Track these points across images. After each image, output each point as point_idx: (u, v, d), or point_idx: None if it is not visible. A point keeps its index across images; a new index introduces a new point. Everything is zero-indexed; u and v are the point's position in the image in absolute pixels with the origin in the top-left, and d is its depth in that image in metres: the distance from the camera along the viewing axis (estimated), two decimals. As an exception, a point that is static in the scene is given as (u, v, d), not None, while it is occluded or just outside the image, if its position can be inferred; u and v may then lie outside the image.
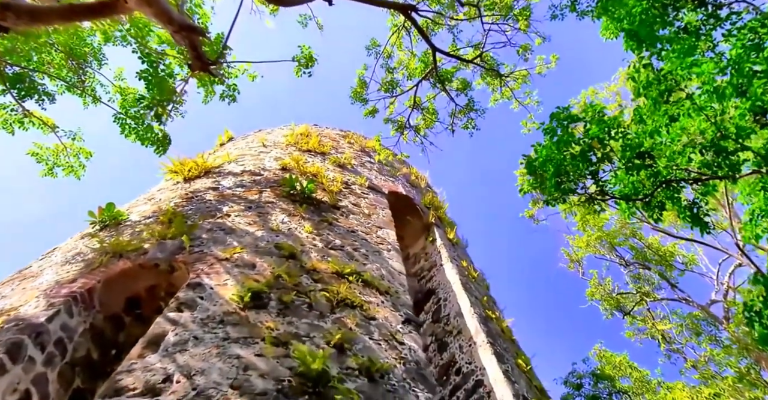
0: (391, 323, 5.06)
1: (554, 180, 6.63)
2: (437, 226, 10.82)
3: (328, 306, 4.89)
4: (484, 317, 7.00)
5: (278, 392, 3.46)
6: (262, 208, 7.40)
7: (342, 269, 5.70)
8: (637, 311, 15.82)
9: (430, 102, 9.20)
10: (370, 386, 3.91)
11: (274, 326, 4.25)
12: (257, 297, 4.65)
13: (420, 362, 4.61)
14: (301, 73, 8.00)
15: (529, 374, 6.29)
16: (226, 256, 5.49)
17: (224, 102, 7.99)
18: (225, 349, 3.79)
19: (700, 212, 6.94)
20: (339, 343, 4.25)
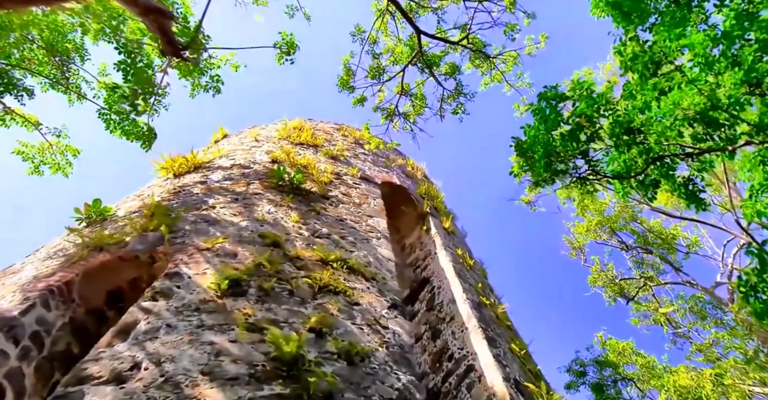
0: (375, 309, 4.95)
1: (543, 161, 6.47)
2: (432, 215, 10.69)
3: (310, 292, 4.78)
4: (478, 303, 6.86)
5: (251, 377, 3.36)
6: (249, 199, 7.30)
7: (326, 256, 5.58)
8: (642, 297, 15.61)
9: (418, 88, 9.05)
10: (349, 369, 3.81)
11: (251, 313, 4.14)
12: (236, 285, 4.55)
13: (404, 346, 4.50)
14: (284, 60, 7.87)
15: (524, 359, 6.15)
16: (208, 246, 5.39)
17: (210, 94, 7.83)
18: (198, 336, 3.69)
19: (696, 189, 6.76)
20: (318, 328, 4.14)
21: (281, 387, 3.35)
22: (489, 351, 5.32)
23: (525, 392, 4.98)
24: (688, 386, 10.05)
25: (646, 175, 6.90)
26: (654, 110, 6.11)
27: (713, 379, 10.14)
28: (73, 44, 8.33)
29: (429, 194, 11.85)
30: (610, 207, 14.30)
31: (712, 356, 11.01)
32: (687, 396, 9.82)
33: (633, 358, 12.34)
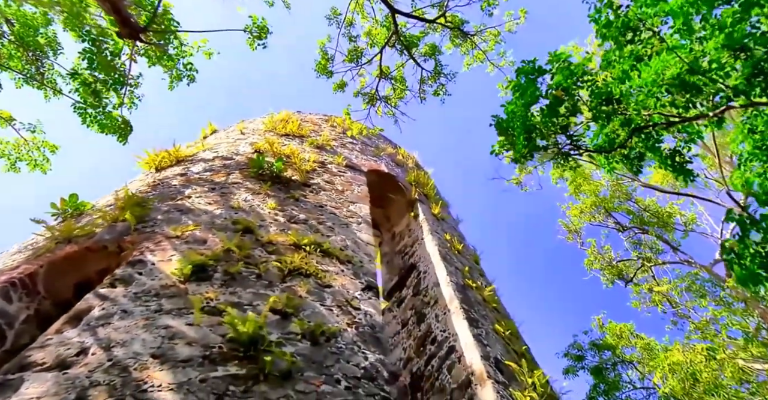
0: (348, 290, 4.82)
1: (522, 137, 6.30)
2: (421, 202, 10.54)
3: (279, 276, 4.65)
4: (462, 285, 6.73)
5: (204, 358, 3.23)
6: (227, 188, 7.17)
7: (300, 240, 5.45)
8: (642, 279, 15.39)
9: (398, 70, 8.86)
10: (312, 348, 3.68)
11: (214, 297, 4.02)
12: (201, 270, 4.43)
13: (375, 326, 4.37)
14: (256, 45, 7.69)
15: (509, 339, 6.01)
16: (177, 234, 5.26)
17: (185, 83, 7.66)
18: (154, 320, 3.57)
19: (682, 160, 6.58)
20: (283, 309, 4.01)
21: (237, 368, 3.22)
22: (469, 331, 5.18)
23: (505, 370, 4.84)
24: (680, 362, 9.89)
25: (630, 149, 6.73)
26: (635, 80, 5.91)
27: (705, 354, 9.96)
28: (45, 38, 8.19)
29: (418, 182, 11.70)
30: (605, 187, 14.08)
31: (710, 334, 10.80)
32: (681, 373, 9.66)
33: (632, 340, 12.15)
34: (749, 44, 5.45)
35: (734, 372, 9.10)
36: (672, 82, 5.20)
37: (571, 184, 13.73)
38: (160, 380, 2.95)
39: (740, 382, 9.12)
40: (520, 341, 6.65)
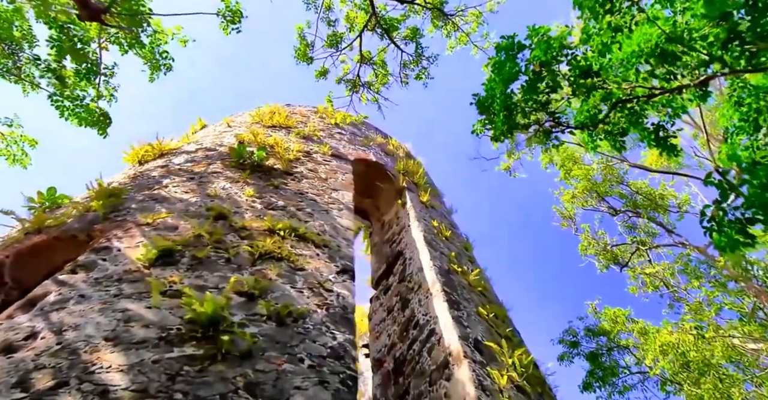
0: (321, 273, 4.70)
1: (502, 114, 6.16)
2: (410, 190, 10.43)
3: (250, 260, 4.54)
4: (446, 269, 6.61)
5: (161, 340, 3.12)
6: (206, 177, 7.06)
7: (274, 225, 5.34)
8: (639, 263, 15.24)
9: (379, 55, 8.70)
10: (277, 329, 3.57)
11: (178, 280, 3.91)
12: (168, 255, 4.32)
13: (347, 307, 4.26)
14: (230, 29, 7.54)
15: (493, 322, 5.90)
16: (148, 221, 5.15)
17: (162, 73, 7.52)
18: (112, 304, 3.46)
19: (666, 134, 6.44)
20: (249, 291, 3.90)
21: (194, 348, 3.11)
22: (449, 313, 5.07)
23: (485, 350, 4.73)
24: (669, 342, 9.76)
25: (613, 124, 6.58)
26: (616, 54, 5.75)
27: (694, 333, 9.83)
28: (21, 31, 8.05)
29: (407, 170, 11.59)
30: (596, 172, 13.87)
31: (704, 315, 10.65)
32: (671, 354, 9.54)
33: (628, 326, 12.00)
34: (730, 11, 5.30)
35: (724, 351, 8.97)
36: (651, 51, 5.06)
37: (561, 169, 13.55)
38: (110, 362, 2.84)
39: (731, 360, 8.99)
40: (507, 324, 6.54)
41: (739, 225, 4.08)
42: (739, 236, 4.06)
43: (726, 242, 4.11)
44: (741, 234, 4.05)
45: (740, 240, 4.05)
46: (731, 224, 4.15)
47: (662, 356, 9.54)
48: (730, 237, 4.07)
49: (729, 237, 4.09)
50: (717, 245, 4.18)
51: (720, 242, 4.14)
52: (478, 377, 4.08)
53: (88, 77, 6.95)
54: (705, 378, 8.74)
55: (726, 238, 4.11)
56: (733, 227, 4.11)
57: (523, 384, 4.49)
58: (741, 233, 4.05)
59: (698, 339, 9.48)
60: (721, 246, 4.16)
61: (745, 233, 4.04)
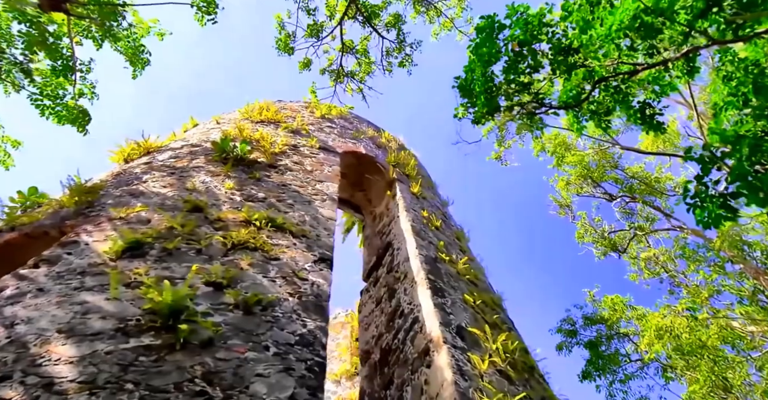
0: (297, 262, 4.59)
1: (483, 96, 6.02)
2: (400, 181, 10.29)
3: (222, 250, 4.43)
4: (433, 258, 6.48)
5: (117, 331, 3.01)
6: (186, 172, 6.95)
7: (250, 216, 5.22)
8: (639, 251, 15.03)
9: (361, 43, 8.54)
10: (244, 318, 3.46)
11: (144, 272, 3.80)
12: (137, 247, 4.21)
13: (321, 295, 4.14)
14: (205, 21, 7.40)
15: (481, 309, 5.77)
16: (121, 215, 5.04)
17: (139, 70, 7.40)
18: (71, 297, 3.35)
19: (652, 111, 6.28)
20: (217, 281, 3.79)
21: (152, 338, 3.00)
22: (431, 300, 4.95)
23: (468, 336, 4.60)
24: (663, 325, 9.59)
25: (597, 103, 6.43)
26: (597, 30, 5.59)
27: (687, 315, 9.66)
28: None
29: (399, 162, 11.46)
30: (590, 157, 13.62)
31: (701, 298, 10.45)
32: (665, 337, 9.36)
33: (628, 313, 11.79)
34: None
35: (719, 333, 8.78)
36: (630, 24, 4.90)
37: (553, 155, 13.35)
38: (60, 355, 2.73)
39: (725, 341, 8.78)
40: (497, 311, 6.41)
41: (721, 200, 3.94)
42: (721, 211, 3.92)
43: (708, 217, 3.96)
44: (723, 208, 3.91)
45: (722, 214, 3.91)
46: (713, 199, 4.00)
47: (657, 341, 9.36)
48: (712, 212, 3.93)
49: (711, 212, 3.95)
50: (699, 221, 4.04)
51: (702, 217, 4.00)
52: (458, 362, 3.96)
53: (65, 74, 6.83)
54: (700, 361, 8.58)
55: (708, 213, 3.97)
56: (715, 201, 3.97)
57: (506, 369, 4.36)
58: (723, 207, 3.90)
59: (691, 321, 9.29)
60: (703, 222, 4.02)
61: (727, 207, 3.90)
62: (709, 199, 4.02)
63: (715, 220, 3.92)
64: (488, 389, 3.77)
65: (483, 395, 3.65)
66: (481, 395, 3.62)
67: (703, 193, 4.06)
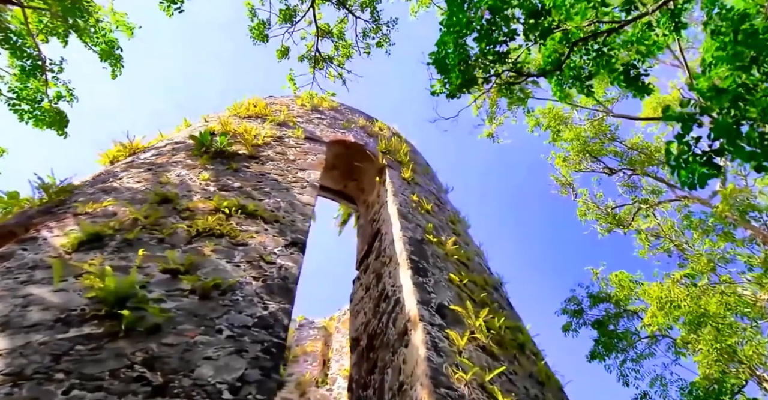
0: (266, 247, 4.41)
1: (457, 69, 5.77)
2: (391, 167, 10.09)
3: (186, 238, 4.27)
4: (419, 239, 6.28)
5: (57, 322, 2.86)
6: (163, 167, 6.81)
7: (220, 204, 5.06)
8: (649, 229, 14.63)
9: (338, 26, 8.32)
10: (200, 303, 3.30)
11: (98, 263, 3.64)
12: (96, 239, 4.07)
13: (288, 278, 3.96)
14: (172, 10, 7.23)
15: (469, 288, 5.56)
16: (87, 210, 4.91)
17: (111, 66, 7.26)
18: (15, 291, 3.20)
19: (637, 73, 5.99)
20: (174, 268, 3.63)
21: (94, 327, 2.85)
22: (411, 280, 4.75)
23: (449, 314, 4.40)
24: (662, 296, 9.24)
25: (579, 68, 6.16)
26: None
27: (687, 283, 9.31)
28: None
29: (389, 149, 11.25)
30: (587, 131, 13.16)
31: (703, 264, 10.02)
32: (665, 306, 9.02)
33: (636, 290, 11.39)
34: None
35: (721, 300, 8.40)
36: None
37: (547, 129, 12.95)
38: (-9, 347, 2.58)
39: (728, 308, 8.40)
40: (488, 291, 6.19)
41: (704, 158, 3.68)
42: (704, 169, 3.66)
43: (692, 177, 3.71)
44: (707, 166, 3.65)
45: (706, 172, 3.66)
46: (696, 158, 3.75)
47: (659, 312, 9.02)
48: (695, 171, 3.68)
49: (694, 171, 3.69)
50: (684, 182, 3.78)
51: (686, 178, 3.74)
52: (434, 339, 3.76)
53: (33, 74, 6.72)
54: (702, 330, 8.24)
55: (691, 173, 3.71)
56: (698, 160, 3.71)
57: (489, 345, 4.16)
58: (706, 164, 3.64)
59: (691, 289, 8.93)
60: (688, 182, 3.76)
61: (710, 165, 3.64)
62: (692, 157, 3.76)
63: (700, 179, 3.66)
64: (465, 365, 3.57)
65: (459, 370, 3.45)
66: (456, 370, 3.42)
67: (686, 152, 3.80)
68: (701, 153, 3.80)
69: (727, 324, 7.98)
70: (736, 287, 8.97)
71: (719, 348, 7.88)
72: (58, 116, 7.61)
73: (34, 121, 7.68)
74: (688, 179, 3.79)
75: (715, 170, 3.68)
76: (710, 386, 8.94)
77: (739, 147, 3.61)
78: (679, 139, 3.85)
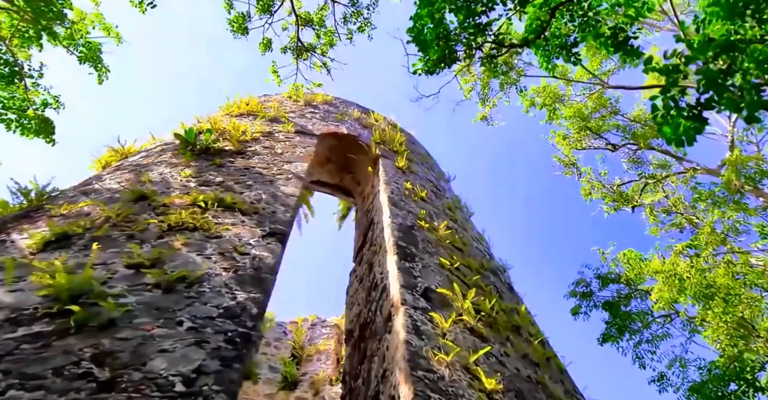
0: (241, 238, 4.26)
1: (434, 43, 5.55)
2: (385, 157, 9.89)
3: (157, 233, 4.14)
4: (409, 225, 6.09)
5: (6, 321, 2.73)
6: (147, 167, 6.71)
7: (196, 198, 4.92)
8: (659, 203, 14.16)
9: (318, 14, 8.11)
10: (162, 296, 3.16)
11: (61, 262, 3.51)
12: (64, 238, 3.96)
13: (262, 268, 3.80)
14: (145, 6, 7.09)
15: (461, 273, 5.36)
16: (62, 212, 4.81)
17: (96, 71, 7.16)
18: (-29, 292, 3.08)
19: (624, 36, 5.71)
20: (139, 262, 3.48)
21: (44, 326, 2.71)
22: (397, 265, 4.57)
23: (435, 297, 4.21)
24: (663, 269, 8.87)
25: (564, 36, 5.89)
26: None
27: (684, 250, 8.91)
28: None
29: (384, 139, 11.06)
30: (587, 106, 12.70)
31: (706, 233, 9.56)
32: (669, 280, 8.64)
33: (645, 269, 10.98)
34: None
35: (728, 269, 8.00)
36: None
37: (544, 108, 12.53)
38: (-67, 350, 2.45)
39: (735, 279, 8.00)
40: (485, 275, 5.98)
41: (691, 111, 3.43)
42: (689, 123, 3.41)
43: (677, 132, 3.46)
44: (692, 120, 3.40)
45: (692, 126, 3.40)
46: (682, 112, 3.49)
47: (665, 287, 8.66)
48: (680, 125, 3.43)
49: (678, 126, 3.44)
50: (669, 139, 3.53)
51: (672, 135, 3.49)
52: (415, 322, 3.57)
53: (12, 80, 6.64)
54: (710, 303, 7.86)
55: (676, 127, 3.46)
56: (684, 114, 3.46)
57: (477, 326, 3.95)
58: (692, 118, 3.39)
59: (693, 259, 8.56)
60: (674, 139, 3.51)
61: (696, 118, 3.39)
62: (678, 112, 3.51)
63: (686, 134, 3.41)
64: (448, 347, 3.37)
65: (441, 352, 3.26)
66: (438, 353, 3.23)
67: (670, 107, 3.54)
68: (686, 107, 3.55)
69: (734, 295, 7.61)
70: (747, 256, 8.59)
71: (729, 321, 7.53)
72: (43, 124, 7.56)
73: (21, 130, 7.63)
74: (673, 136, 3.54)
75: (701, 124, 3.42)
76: (729, 363, 8.62)
77: (728, 98, 3.35)
78: (664, 93, 3.59)
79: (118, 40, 8.00)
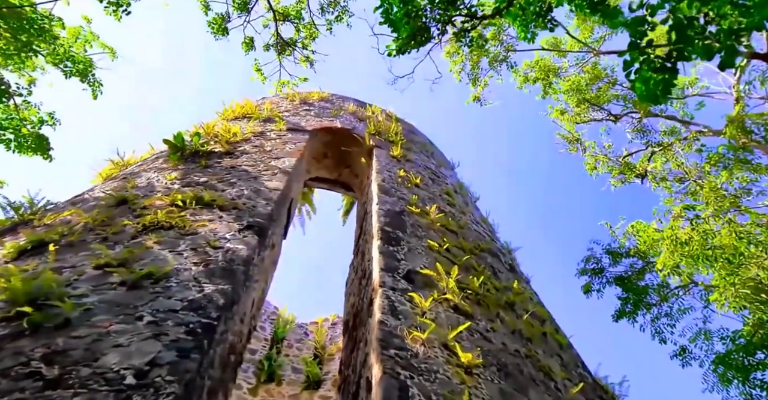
0: (216, 233, 4.21)
1: (404, 21, 5.41)
2: (380, 147, 9.79)
3: (131, 234, 4.10)
4: (398, 211, 5.97)
5: (-42, 329, 2.70)
6: (136, 174, 6.73)
7: (175, 198, 4.90)
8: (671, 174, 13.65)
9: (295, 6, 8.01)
10: (127, 293, 3.11)
11: (32, 267, 3.50)
12: (39, 246, 3.96)
13: (234, 260, 3.74)
14: (120, 13, 7.09)
15: (450, 255, 5.21)
16: (46, 222, 4.82)
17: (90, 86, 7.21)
18: (-61, 303, 3.08)
19: (600, -4, 5.45)
20: (105, 263, 3.45)
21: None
22: (379, 249, 4.46)
23: (418, 278, 4.08)
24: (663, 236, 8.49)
25: (538, 2, 5.69)
26: None
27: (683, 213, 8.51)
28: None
29: (379, 130, 10.95)
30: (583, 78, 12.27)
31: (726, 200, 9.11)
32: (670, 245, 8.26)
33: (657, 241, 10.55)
34: None
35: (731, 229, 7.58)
36: None
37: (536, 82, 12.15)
38: None
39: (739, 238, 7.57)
40: (481, 256, 5.83)
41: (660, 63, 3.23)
42: (658, 75, 3.20)
43: (650, 87, 3.26)
44: (662, 71, 3.19)
45: (662, 79, 3.20)
46: (651, 65, 3.29)
47: (670, 254, 8.29)
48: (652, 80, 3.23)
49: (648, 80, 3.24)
50: (641, 96, 3.33)
51: (642, 90, 3.30)
52: (392, 303, 3.46)
53: (0, 99, 6.73)
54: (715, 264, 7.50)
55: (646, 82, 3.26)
56: (652, 66, 3.26)
57: (462, 304, 3.82)
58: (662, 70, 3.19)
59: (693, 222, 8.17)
60: (647, 95, 3.31)
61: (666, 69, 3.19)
62: (648, 65, 3.30)
63: (659, 88, 3.20)
64: (426, 325, 3.25)
65: (418, 330, 3.14)
66: (414, 331, 3.11)
67: (639, 60, 3.34)
68: (657, 60, 3.34)
69: (739, 255, 7.23)
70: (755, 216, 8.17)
71: (737, 283, 7.15)
72: (40, 141, 7.66)
73: (19, 149, 7.75)
74: (645, 92, 3.34)
75: (672, 76, 3.22)
76: (754, 332, 8.27)
77: (696, 45, 3.14)
78: (632, 48, 3.39)
79: (112, 55, 8.04)
